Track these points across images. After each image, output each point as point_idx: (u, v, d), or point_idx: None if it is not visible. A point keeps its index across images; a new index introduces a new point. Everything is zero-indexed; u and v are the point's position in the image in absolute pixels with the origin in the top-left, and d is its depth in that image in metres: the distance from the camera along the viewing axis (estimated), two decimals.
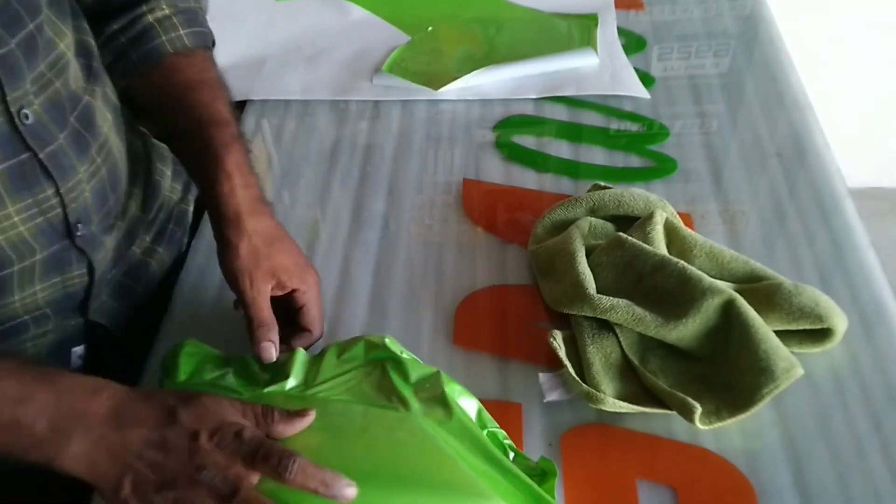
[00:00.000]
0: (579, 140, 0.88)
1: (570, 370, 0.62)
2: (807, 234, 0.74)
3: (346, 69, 1.00)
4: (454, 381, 0.57)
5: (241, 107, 0.96)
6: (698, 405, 0.58)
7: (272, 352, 0.59)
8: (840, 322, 0.63)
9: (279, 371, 0.58)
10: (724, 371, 0.62)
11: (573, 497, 0.57)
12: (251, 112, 0.96)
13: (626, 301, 0.64)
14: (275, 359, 0.59)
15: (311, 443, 0.51)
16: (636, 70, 0.96)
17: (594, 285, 0.66)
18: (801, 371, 0.60)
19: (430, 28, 1.06)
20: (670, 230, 0.71)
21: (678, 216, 0.74)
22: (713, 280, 0.64)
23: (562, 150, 0.87)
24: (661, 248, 0.69)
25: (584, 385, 0.61)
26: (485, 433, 0.55)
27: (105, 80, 0.70)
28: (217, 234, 0.63)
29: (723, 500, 0.57)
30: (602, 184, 0.78)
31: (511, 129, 0.90)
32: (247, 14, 1.10)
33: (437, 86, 0.94)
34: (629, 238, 0.69)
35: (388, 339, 0.59)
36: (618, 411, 0.60)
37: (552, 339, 0.64)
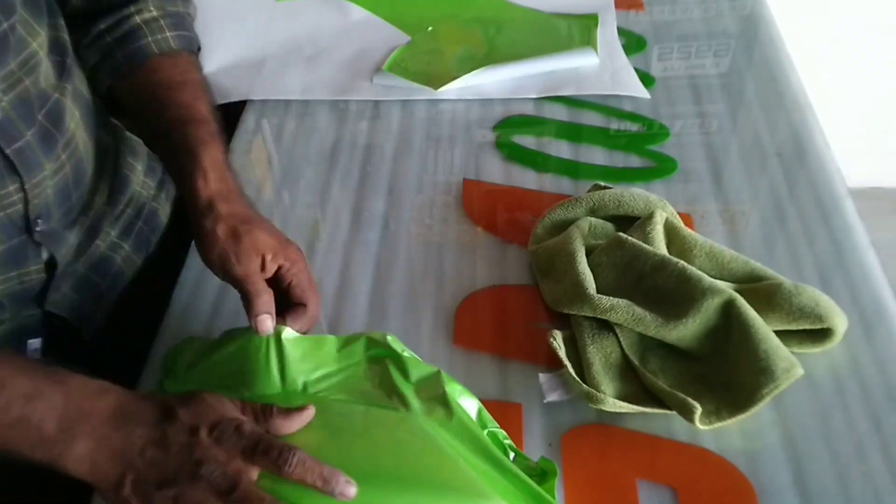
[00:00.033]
0: (579, 140, 0.88)
1: (570, 370, 0.62)
2: (807, 234, 0.74)
3: (346, 69, 1.00)
4: (455, 381, 0.57)
5: (241, 107, 0.96)
6: (698, 405, 0.58)
7: (269, 324, 0.58)
8: (840, 322, 0.63)
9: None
10: (724, 371, 0.62)
11: (573, 497, 0.57)
12: (251, 112, 0.95)
13: (626, 301, 0.64)
14: (272, 331, 0.58)
15: (312, 442, 0.51)
16: (636, 70, 0.96)
17: (594, 285, 0.66)
18: (801, 371, 0.60)
19: (430, 28, 1.06)
20: (670, 230, 0.71)
21: (678, 216, 0.74)
22: (713, 280, 0.64)
23: (562, 150, 0.87)
24: (661, 248, 0.69)
25: (584, 385, 0.61)
26: (485, 433, 0.55)
27: (77, 76, 0.70)
28: (194, 227, 0.62)
29: (723, 500, 0.57)
30: (602, 184, 0.78)
31: (511, 128, 0.90)
32: (247, 14, 1.10)
33: (437, 85, 0.94)
34: (629, 238, 0.68)
35: (389, 337, 0.59)
36: (618, 411, 0.60)
37: (552, 339, 0.64)
